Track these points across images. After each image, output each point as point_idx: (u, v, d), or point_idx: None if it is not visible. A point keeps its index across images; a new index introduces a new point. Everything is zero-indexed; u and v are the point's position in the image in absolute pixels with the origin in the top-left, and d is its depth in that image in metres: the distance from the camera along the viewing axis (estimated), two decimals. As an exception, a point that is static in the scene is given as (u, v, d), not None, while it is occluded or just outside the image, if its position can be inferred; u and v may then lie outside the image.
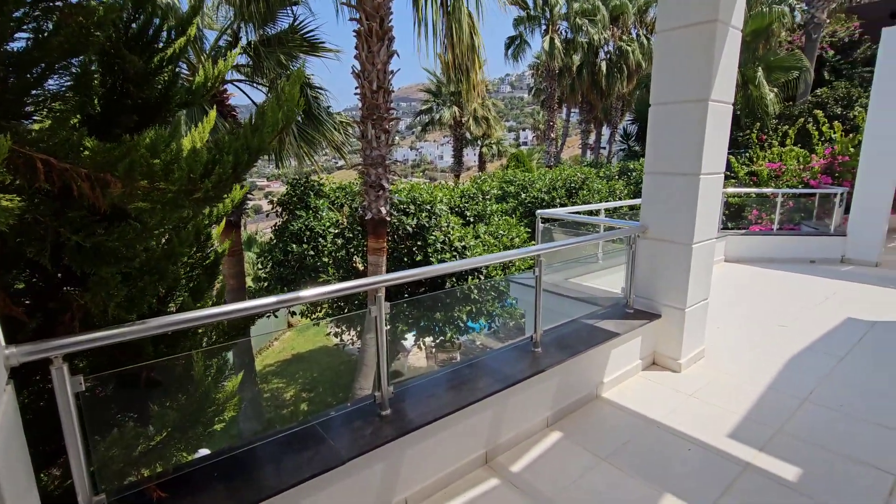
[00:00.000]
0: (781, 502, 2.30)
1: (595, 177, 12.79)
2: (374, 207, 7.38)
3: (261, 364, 14.26)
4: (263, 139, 1.28)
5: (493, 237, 9.60)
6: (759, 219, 8.50)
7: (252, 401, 9.82)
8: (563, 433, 2.89)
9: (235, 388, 2.37)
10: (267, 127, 1.28)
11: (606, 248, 5.70)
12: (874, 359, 3.87)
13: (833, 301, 5.34)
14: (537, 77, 29.15)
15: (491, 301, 9.34)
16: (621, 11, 21.89)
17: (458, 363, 2.92)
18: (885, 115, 6.61)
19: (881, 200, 6.85)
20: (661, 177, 3.56)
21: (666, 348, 3.70)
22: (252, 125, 1.31)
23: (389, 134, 7.40)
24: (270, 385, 12.47)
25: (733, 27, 3.27)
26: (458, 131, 28.52)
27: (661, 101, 3.49)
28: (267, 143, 1.29)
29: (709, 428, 2.92)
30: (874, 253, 6.92)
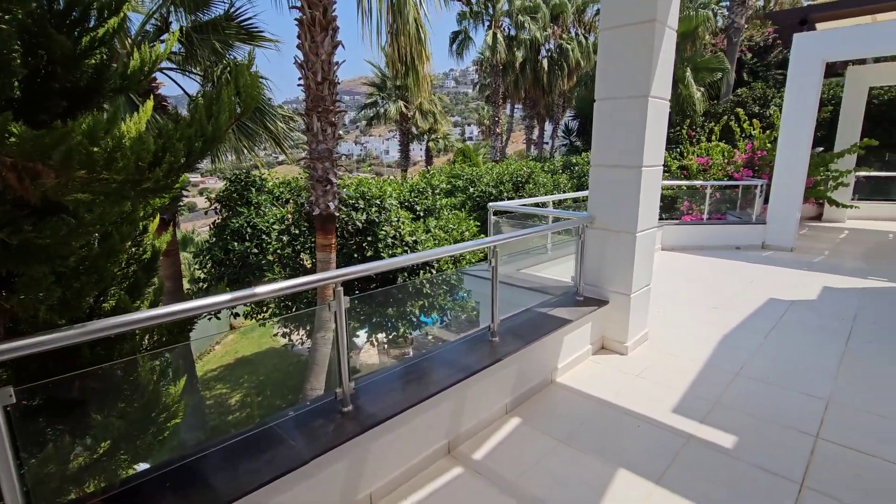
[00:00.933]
0: (720, 467, 2.49)
1: (540, 171, 13.15)
2: (322, 203, 7.18)
3: (202, 370, 13.53)
4: (220, 125, 1.21)
5: (444, 231, 9.64)
6: (690, 209, 9.10)
7: (195, 408, 9.33)
8: (522, 419, 2.97)
9: (179, 392, 2.24)
10: (223, 113, 1.21)
11: (555, 238, 5.89)
12: (793, 334, 4.27)
13: (757, 283, 5.83)
14: (482, 73, 29.54)
15: (443, 295, 9.39)
16: (561, 10, 22.57)
17: (417, 356, 2.91)
18: (797, 114, 7.28)
19: (794, 192, 7.55)
20: (606, 169, 3.72)
21: (614, 333, 3.89)
22: (207, 110, 1.23)
23: (336, 127, 7.22)
24: (214, 391, 11.86)
25: (669, 27, 3.46)
26: (405, 126, 28.34)
27: (605, 96, 3.64)
28: (223, 131, 1.21)
29: (655, 405, 3.10)
30: (789, 239, 7.62)
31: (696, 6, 14.27)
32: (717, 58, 13.61)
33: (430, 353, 2.98)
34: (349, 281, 9.44)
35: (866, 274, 6.19)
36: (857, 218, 10.51)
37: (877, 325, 4.43)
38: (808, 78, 7.09)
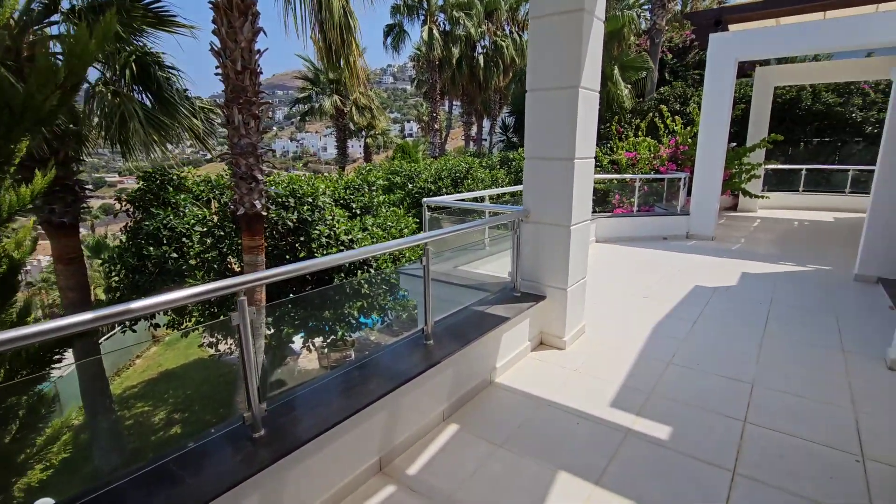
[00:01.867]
0: (657, 461, 2.47)
1: (478, 166, 13.16)
2: (247, 201, 6.67)
3: (120, 387, 12.34)
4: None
5: (382, 229, 9.34)
6: (621, 202, 9.43)
7: (110, 431, 8.44)
8: (460, 425, 2.82)
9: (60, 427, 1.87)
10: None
11: (492, 234, 5.82)
12: (717, 320, 4.45)
13: (683, 272, 6.08)
14: (419, 68, 29.23)
15: (383, 294, 9.11)
16: (494, 7, 22.78)
17: (346, 365, 2.67)
18: (714, 111, 7.70)
19: (713, 184, 7.99)
20: (539, 161, 3.64)
21: (552, 328, 3.84)
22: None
23: (259, 120, 6.72)
24: (134, 410, 10.83)
25: (597, 18, 3.43)
26: (341, 121, 27.47)
27: (537, 87, 3.55)
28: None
29: (594, 400, 3.06)
30: (710, 229, 8.08)
31: (622, 7, 14.88)
32: (641, 57, 14.27)
33: (360, 362, 2.75)
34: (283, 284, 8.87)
35: (778, 259, 6.66)
36: (768, 207, 11.41)
37: (791, 308, 4.72)
38: (724, 76, 7.51)
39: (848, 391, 3.13)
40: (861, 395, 3.09)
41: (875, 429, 2.72)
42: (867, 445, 2.57)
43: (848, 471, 2.38)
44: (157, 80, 7.34)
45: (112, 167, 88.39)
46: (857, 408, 2.94)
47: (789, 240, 8.29)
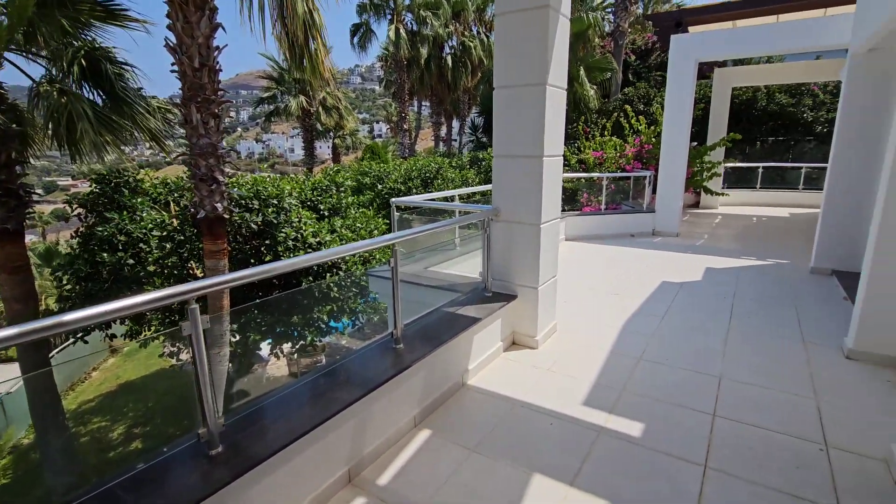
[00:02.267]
0: (630, 459, 2.46)
1: (448, 166, 13.12)
2: (208, 204, 6.40)
3: (75, 402, 11.68)
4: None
5: (351, 231, 9.17)
6: (589, 201, 9.57)
7: (62, 450, 7.96)
8: (432, 430, 2.74)
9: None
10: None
11: (463, 234, 5.77)
12: (684, 315, 4.52)
13: (651, 268, 6.19)
14: (387, 68, 28.98)
15: (353, 298, 8.93)
16: (462, 7, 22.82)
17: (313, 373, 2.56)
18: (677, 110, 7.89)
19: (677, 182, 8.19)
20: (508, 160, 3.61)
21: (523, 327, 3.81)
22: None
23: (220, 119, 6.46)
24: (90, 426, 10.27)
25: (563, 15, 3.42)
26: (308, 122, 26.93)
27: (504, 84, 3.52)
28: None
29: (566, 399, 3.04)
30: (675, 225, 8.27)
31: (586, 9, 15.15)
32: (605, 59, 14.56)
33: (328, 368, 2.63)
34: (247, 289, 8.50)
35: (740, 254, 6.87)
36: (728, 204, 11.81)
37: (753, 301, 4.85)
38: (685, 76, 7.71)
39: (810, 381, 3.22)
40: (821, 384, 3.18)
41: (836, 417, 2.79)
42: (829, 434, 2.63)
43: (813, 460, 2.42)
44: (109, 77, 6.97)
45: (65, 170, 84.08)
46: (818, 397, 3.02)
47: (749, 235, 8.59)
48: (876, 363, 3.44)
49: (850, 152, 5.35)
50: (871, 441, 2.56)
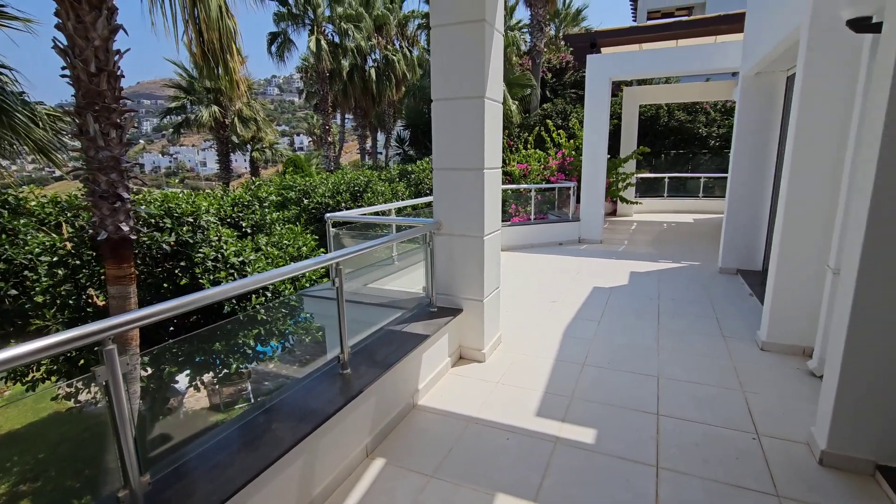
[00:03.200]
0: (587, 467, 2.47)
1: (378, 180, 12.91)
2: (111, 224, 5.70)
3: (-62, 463, 9.77)
4: None
5: (278, 248, 8.65)
6: (517, 211, 9.85)
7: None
8: (387, 459, 2.57)
9: None
10: None
11: (400, 248, 5.65)
12: (618, 318, 4.74)
13: (582, 275, 6.46)
14: (307, 80, 28.20)
15: (282, 319, 8.41)
16: (384, 21, 22.86)
17: (252, 410, 2.29)
18: (595, 125, 8.39)
19: (598, 192, 8.68)
20: (449, 172, 3.57)
21: (470, 341, 3.76)
22: None
23: (123, 130, 5.82)
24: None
25: (497, 31, 3.47)
26: (223, 134, 25.34)
27: (442, 96, 3.48)
28: None
29: (519, 411, 3.01)
30: (598, 233, 8.74)
31: (505, 28, 15.80)
32: (525, 76, 15.23)
33: (270, 403, 2.38)
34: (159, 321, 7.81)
35: (657, 258, 7.39)
36: (641, 212, 12.75)
37: (675, 301, 5.21)
38: (601, 93, 8.24)
39: (734, 374, 3.47)
40: (744, 376, 3.44)
41: (761, 406, 3.03)
42: (758, 423, 2.84)
43: (749, 449, 2.59)
44: (-19, 80, 6.04)
45: (-80, 188, 71.92)
46: (744, 389, 3.26)
47: (662, 240, 9.30)
48: (785, 352, 3.81)
49: (745, 163, 5.98)
50: (793, 426, 2.79)
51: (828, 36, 3.36)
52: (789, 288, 3.77)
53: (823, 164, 3.54)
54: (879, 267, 2.19)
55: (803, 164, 3.61)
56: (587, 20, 25.54)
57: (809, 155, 3.59)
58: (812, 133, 3.56)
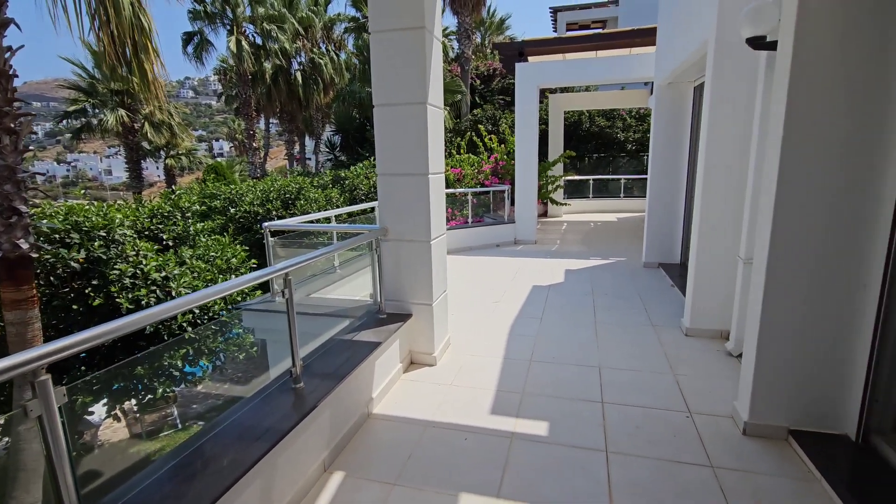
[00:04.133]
0: (544, 458, 2.57)
1: (310, 186, 12.53)
2: (6, 241, 5.07)
3: None
4: None
5: (205, 261, 8.13)
6: (454, 215, 10.00)
7: None
8: (346, 471, 2.51)
9: None
10: None
11: (342, 255, 5.53)
12: (558, 314, 4.97)
13: (521, 274, 6.69)
14: (226, 82, 26.76)
15: (212, 336, 7.90)
16: (309, 23, 22.25)
17: (200, 435, 2.14)
18: (526, 130, 8.74)
19: (531, 194, 9.04)
20: (394, 178, 3.56)
21: (421, 345, 3.77)
22: None
23: (19, 136, 5.22)
24: None
25: (436, 38, 3.52)
26: (132, 139, 23.30)
27: (384, 102, 3.47)
28: None
29: (474, 411, 3.07)
30: (533, 234, 9.10)
31: (433, 35, 16.01)
32: (455, 82, 15.54)
33: (217, 428, 2.23)
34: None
35: (588, 255, 7.84)
36: (570, 212, 13.44)
37: (608, 295, 5.55)
38: (530, 100, 8.61)
39: (665, 359, 3.77)
40: (674, 360, 3.75)
41: (690, 387, 3.32)
42: (690, 402, 3.11)
43: (684, 427, 2.83)
44: None
45: None
46: (674, 372, 3.55)
47: (591, 239, 9.87)
48: (706, 336, 4.20)
49: (662, 165, 6.52)
50: (719, 402, 3.09)
51: (731, 51, 3.77)
52: (707, 278, 4.17)
53: (731, 165, 3.97)
54: (785, 256, 2.49)
55: (714, 166, 4.02)
56: (511, 29, 26.56)
57: (719, 157, 4.00)
58: (720, 137, 3.98)
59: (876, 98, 2.25)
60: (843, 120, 2.31)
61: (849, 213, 2.37)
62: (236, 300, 8.10)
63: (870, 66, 2.24)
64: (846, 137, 2.32)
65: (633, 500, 2.23)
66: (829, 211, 2.40)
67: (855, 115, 2.29)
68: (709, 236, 4.13)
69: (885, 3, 2.18)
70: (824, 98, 2.32)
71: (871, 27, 2.21)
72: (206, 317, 7.80)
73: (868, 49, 2.23)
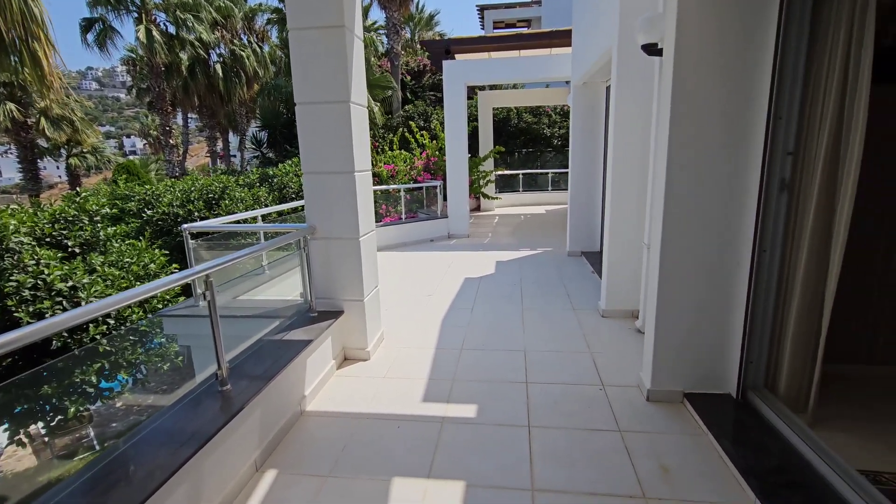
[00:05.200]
0: (473, 437, 2.73)
1: (235, 185, 11.97)
2: None
3: None
4: None
5: (119, 268, 7.57)
6: (388, 212, 10.02)
7: None
8: (278, 469, 2.53)
9: None
10: None
11: (270, 255, 5.41)
12: (488, 304, 5.19)
13: (453, 268, 6.87)
14: (136, 74, 24.76)
15: (131, 347, 7.39)
16: (228, 13, 21.10)
17: (121, 444, 2.07)
18: (455, 126, 8.94)
19: (462, 189, 9.27)
20: (320, 176, 3.57)
21: (354, 341, 3.81)
22: None
23: None
24: None
25: (357, 37, 3.56)
26: (25, 136, 20.91)
27: (307, 100, 3.47)
28: None
29: (407, 400, 3.18)
30: (465, 228, 9.34)
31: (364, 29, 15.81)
32: (385, 77, 15.46)
33: (137, 434, 2.17)
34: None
35: (517, 247, 8.19)
36: (502, 206, 13.88)
37: (534, 284, 5.87)
38: (458, 97, 8.81)
39: (584, 340, 4.09)
40: (591, 340, 4.08)
41: (605, 363, 3.64)
42: (603, 376, 3.42)
43: (597, 398, 3.11)
44: None
45: None
46: (591, 350, 3.87)
47: (521, 231, 10.29)
48: (620, 317, 4.59)
49: (581, 160, 6.96)
50: (628, 374, 3.42)
51: (632, 55, 4.13)
52: (618, 264, 4.56)
53: (635, 159, 4.36)
54: (675, 240, 2.82)
55: (621, 160, 4.39)
56: (440, 25, 26.82)
57: (625, 152, 4.38)
58: (626, 134, 4.35)
59: (741, 102, 2.61)
60: (716, 119, 2.66)
61: (725, 200, 2.73)
62: (157, 307, 7.65)
63: (736, 73, 2.60)
64: (720, 135, 2.67)
65: (551, 466, 2.45)
66: (709, 198, 2.75)
67: (725, 117, 2.64)
68: (619, 225, 4.51)
69: (748, 18, 2.54)
70: (699, 101, 2.65)
71: (738, 39, 2.56)
72: (123, 327, 7.29)
73: (735, 59, 2.58)
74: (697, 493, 2.22)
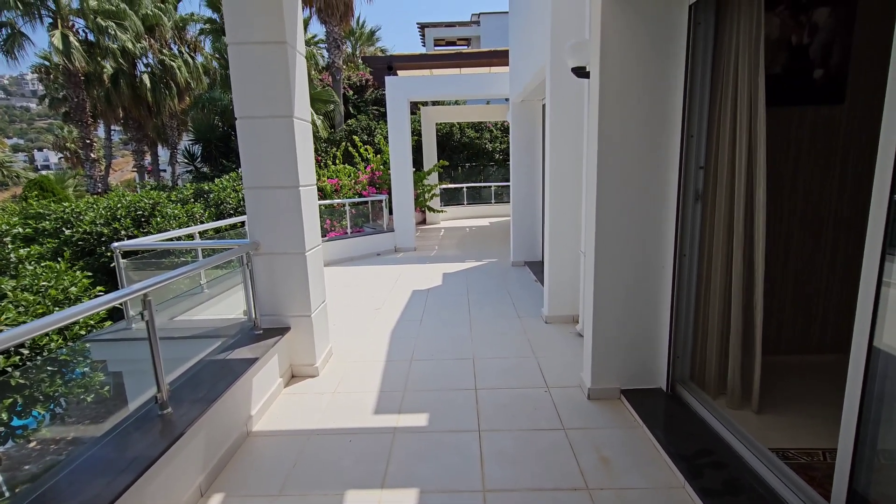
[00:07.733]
0: (425, 446, 2.78)
1: (167, 201, 11.34)
2: None
3: None
4: None
5: (33, 293, 6.94)
6: (333, 226, 9.89)
7: None
8: (225, 492, 2.45)
9: None
10: None
11: (209, 274, 5.19)
12: (436, 315, 5.27)
13: (401, 281, 6.91)
14: (50, 83, 22.94)
15: (48, 379, 6.77)
16: (156, 21, 20.11)
17: (52, 476, 1.93)
18: (399, 141, 9.04)
19: (408, 203, 9.35)
20: (263, 191, 3.52)
21: (301, 357, 3.75)
22: None
23: None
24: None
25: (299, 52, 3.58)
26: (-84, 149, 18.71)
27: (247, 115, 3.43)
28: None
29: (358, 414, 3.18)
30: (412, 241, 9.41)
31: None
32: (327, 91, 15.34)
33: (68, 466, 2.03)
34: None
35: (463, 259, 8.36)
36: (447, 219, 14.08)
37: (480, 294, 6.03)
38: (401, 112, 8.93)
39: (529, 345, 4.27)
40: (536, 345, 4.26)
41: (549, 366, 3.81)
42: (548, 378, 3.59)
43: (542, 400, 3.27)
44: None
45: None
46: (536, 355, 4.05)
47: (466, 243, 10.51)
48: (561, 322, 4.83)
49: (521, 174, 7.28)
50: (570, 376, 3.61)
51: (564, 76, 4.43)
52: (558, 271, 4.81)
53: (571, 173, 4.64)
54: (607, 247, 3.05)
55: (558, 174, 4.67)
56: (381, 41, 27.03)
57: (561, 166, 4.66)
58: (560, 149, 4.63)
59: (659, 121, 2.90)
60: (638, 137, 2.93)
61: (649, 210, 3.00)
62: (80, 334, 7.08)
63: (655, 96, 2.88)
64: (642, 151, 2.94)
65: (501, 466, 2.54)
66: (635, 209, 3.00)
67: (645, 136, 2.92)
68: (558, 235, 4.77)
69: (661, 46, 2.83)
70: (623, 120, 2.92)
71: (654, 65, 2.85)
72: (40, 357, 6.67)
73: (653, 81, 2.87)
74: (634, 480, 2.40)
